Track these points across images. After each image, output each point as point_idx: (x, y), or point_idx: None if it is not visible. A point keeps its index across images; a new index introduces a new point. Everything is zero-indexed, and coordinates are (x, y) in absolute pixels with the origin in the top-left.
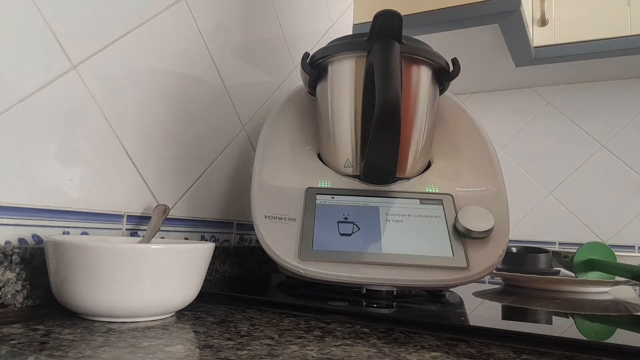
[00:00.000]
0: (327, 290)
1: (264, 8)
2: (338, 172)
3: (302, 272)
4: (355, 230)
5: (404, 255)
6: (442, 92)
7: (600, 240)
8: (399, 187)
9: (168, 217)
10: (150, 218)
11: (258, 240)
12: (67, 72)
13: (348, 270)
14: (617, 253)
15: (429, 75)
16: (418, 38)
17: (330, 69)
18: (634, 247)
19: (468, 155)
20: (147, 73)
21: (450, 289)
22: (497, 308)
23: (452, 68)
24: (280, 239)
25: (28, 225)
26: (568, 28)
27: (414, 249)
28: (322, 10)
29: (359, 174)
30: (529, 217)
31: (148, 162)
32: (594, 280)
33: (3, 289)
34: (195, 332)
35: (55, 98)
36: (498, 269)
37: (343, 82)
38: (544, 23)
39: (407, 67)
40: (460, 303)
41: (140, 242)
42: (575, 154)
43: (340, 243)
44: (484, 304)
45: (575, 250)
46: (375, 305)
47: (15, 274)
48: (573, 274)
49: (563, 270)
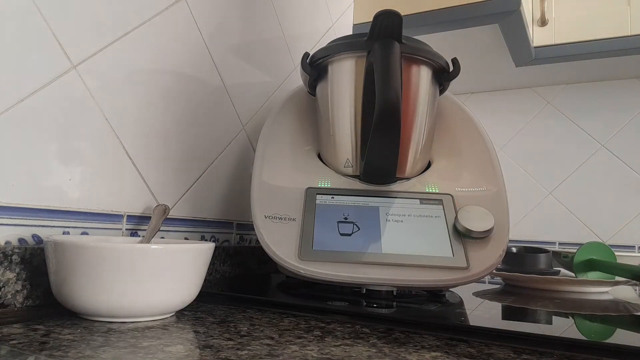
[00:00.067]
0: (327, 290)
1: (264, 8)
2: (338, 172)
3: (302, 272)
4: (355, 230)
5: (404, 255)
6: (442, 92)
7: (600, 240)
8: (399, 187)
9: (168, 217)
10: (150, 218)
11: (258, 240)
12: (67, 72)
13: (348, 270)
14: (617, 253)
15: (429, 75)
16: (418, 38)
17: (330, 69)
18: (634, 247)
19: (468, 155)
20: (147, 73)
21: (450, 289)
22: (497, 308)
23: (452, 68)
24: (280, 239)
25: (28, 225)
26: (568, 28)
27: (414, 249)
28: (322, 10)
29: (359, 174)
30: (529, 217)
31: (148, 162)
32: (594, 280)
33: (3, 289)
34: (195, 332)
35: (55, 98)
36: (498, 269)
37: (343, 82)
38: (544, 23)
39: (407, 67)
40: (460, 303)
41: (140, 242)
42: (575, 154)
43: (340, 243)
44: (484, 304)
45: (575, 250)
46: (375, 305)
47: (15, 274)
48: (573, 274)
49: (563, 270)
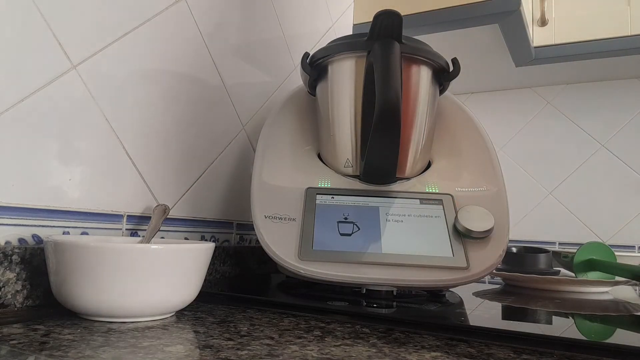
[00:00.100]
0: (327, 290)
1: (264, 8)
2: (338, 172)
3: (302, 272)
4: (355, 230)
5: (404, 255)
6: (442, 92)
7: (600, 240)
8: (399, 187)
9: (168, 217)
10: (150, 218)
11: (258, 240)
12: (67, 72)
13: (348, 270)
14: (617, 253)
15: (429, 75)
16: (418, 38)
17: (330, 69)
18: (634, 247)
19: (468, 155)
20: (147, 73)
21: (450, 289)
22: (497, 308)
23: (452, 68)
24: (280, 239)
25: (28, 225)
26: (568, 28)
27: (414, 249)
28: (322, 10)
29: (359, 174)
30: (529, 217)
31: (148, 162)
32: (594, 280)
33: (3, 289)
34: (195, 332)
35: (55, 98)
36: (498, 269)
37: (343, 82)
38: (544, 23)
39: (407, 67)
40: (460, 303)
41: (140, 242)
42: (575, 154)
43: (340, 243)
44: (484, 304)
45: (575, 250)
46: (375, 305)
47: (15, 274)
48: (573, 274)
49: (563, 270)
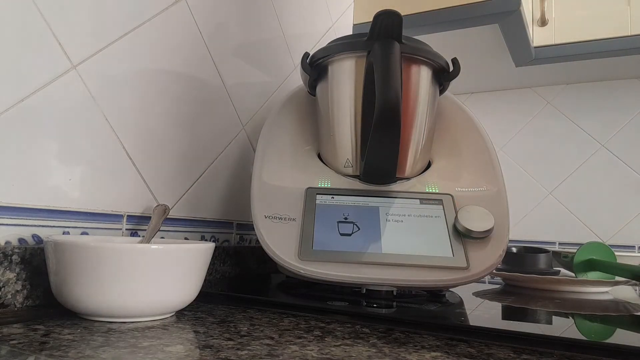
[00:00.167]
0: (327, 290)
1: (264, 8)
2: (338, 172)
3: (302, 272)
4: (355, 230)
5: (404, 255)
6: (442, 92)
7: (600, 240)
8: (399, 187)
9: (168, 217)
10: (150, 218)
11: (258, 240)
12: (67, 72)
13: (348, 270)
14: (617, 253)
15: (429, 75)
16: (418, 38)
17: (331, 69)
18: (634, 247)
19: (468, 155)
20: (147, 73)
21: (450, 289)
22: (497, 308)
23: (452, 68)
24: (280, 239)
25: (28, 225)
26: (568, 28)
27: (414, 249)
28: (322, 10)
29: (359, 174)
30: (529, 217)
31: (148, 162)
32: (594, 280)
33: (3, 289)
34: (195, 332)
35: (55, 98)
36: (498, 269)
37: (343, 82)
38: (544, 23)
39: (407, 67)
40: (460, 303)
41: (140, 242)
42: (575, 154)
43: (340, 243)
44: (484, 304)
45: (575, 250)
46: (375, 305)
47: (15, 274)
48: (573, 274)
49: (563, 270)
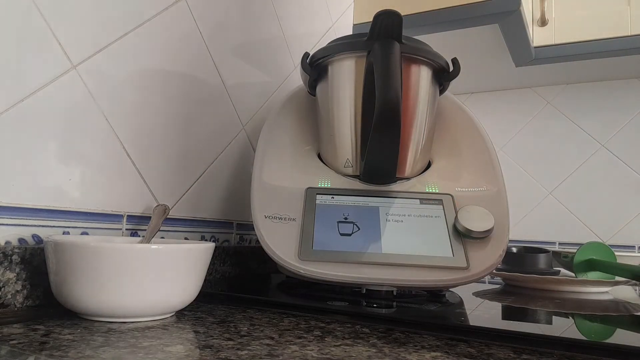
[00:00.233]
0: (327, 290)
1: (264, 8)
2: (338, 172)
3: (302, 272)
4: (355, 230)
5: (404, 255)
6: (442, 92)
7: (600, 240)
8: (399, 187)
9: (168, 217)
10: (150, 218)
11: (258, 240)
12: (67, 72)
13: (348, 270)
14: (617, 253)
15: (429, 75)
16: (418, 38)
17: (331, 69)
18: (634, 247)
19: (468, 155)
20: (147, 73)
21: (450, 289)
22: (497, 308)
23: (452, 68)
24: (280, 239)
25: (28, 225)
26: (568, 28)
27: (414, 249)
28: (322, 10)
29: (359, 174)
30: (529, 217)
31: (148, 162)
32: (594, 280)
33: (3, 289)
34: (195, 332)
35: (55, 98)
36: (498, 269)
37: (343, 82)
38: (544, 23)
39: (407, 67)
40: (460, 303)
41: (140, 242)
42: (575, 154)
43: (340, 243)
44: (484, 304)
45: (575, 250)
46: (375, 305)
47: (15, 274)
48: (573, 274)
49: (563, 270)
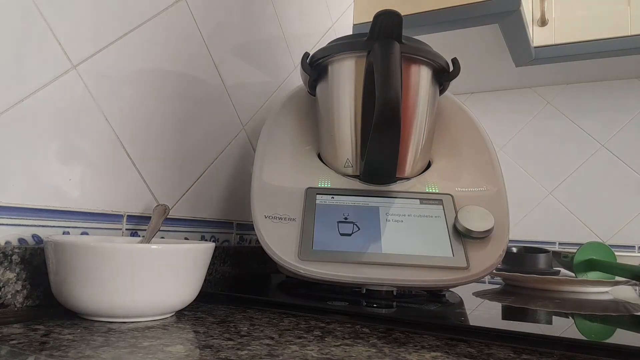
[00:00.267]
0: (327, 290)
1: (264, 8)
2: (338, 172)
3: (302, 272)
4: (355, 230)
5: (404, 255)
6: (442, 92)
7: (600, 240)
8: (399, 187)
9: (168, 217)
10: (150, 218)
11: (258, 240)
12: (67, 72)
13: (348, 270)
14: (617, 253)
15: (429, 75)
16: (418, 38)
17: (331, 69)
18: (634, 247)
19: (468, 155)
20: (147, 73)
21: (450, 289)
22: (497, 308)
23: (452, 68)
24: (280, 239)
25: (28, 225)
26: (568, 28)
27: (414, 249)
28: (322, 11)
29: (359, 174)
30: (529, 217)
31: (148, 162)
32: (594, 280)
33: (3, 289)
34: (195, 332)
35: (56, 98)
36: (498, 269)
37: (343, 82)
38: (544, 23)
39: (407, 67)
40: (460, 303)
41: (140, 242)
42: (575, 154)
43: (340, 243)
44: (484, 304)
45: (575, 250)
46: (375, 305)
47: (15, 274)
48: (573, 274)
49: (563, 270)
